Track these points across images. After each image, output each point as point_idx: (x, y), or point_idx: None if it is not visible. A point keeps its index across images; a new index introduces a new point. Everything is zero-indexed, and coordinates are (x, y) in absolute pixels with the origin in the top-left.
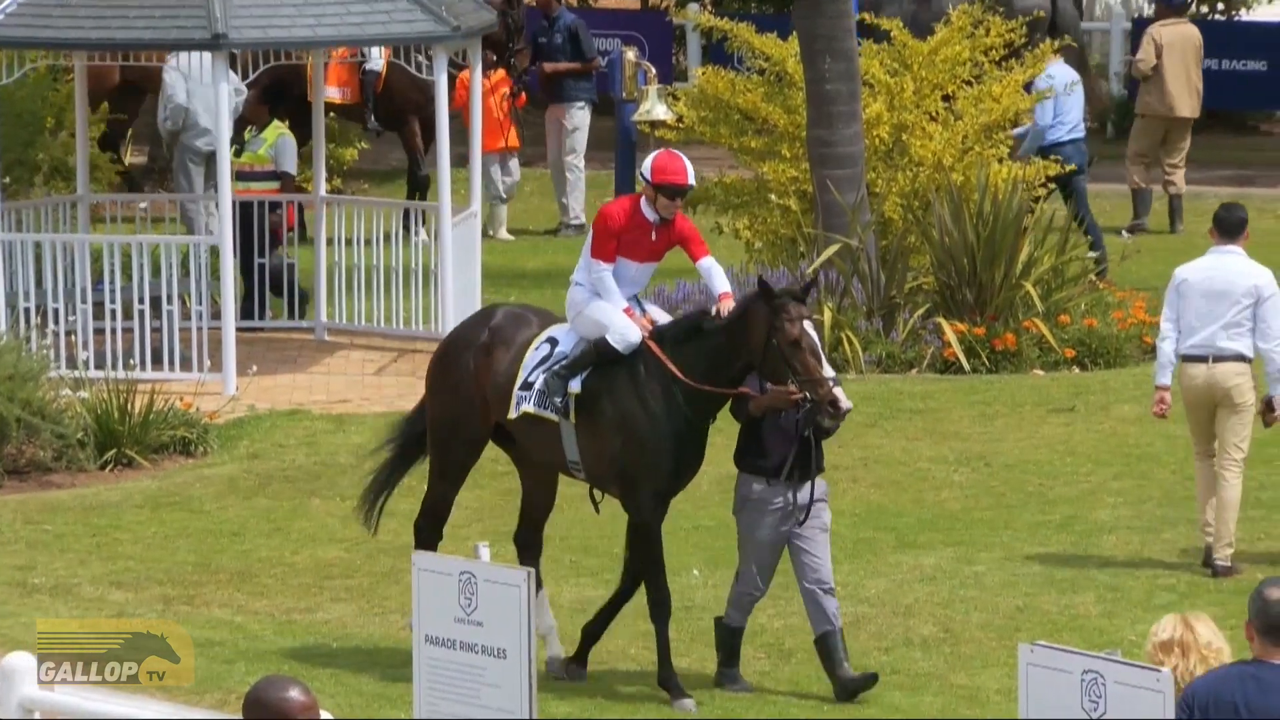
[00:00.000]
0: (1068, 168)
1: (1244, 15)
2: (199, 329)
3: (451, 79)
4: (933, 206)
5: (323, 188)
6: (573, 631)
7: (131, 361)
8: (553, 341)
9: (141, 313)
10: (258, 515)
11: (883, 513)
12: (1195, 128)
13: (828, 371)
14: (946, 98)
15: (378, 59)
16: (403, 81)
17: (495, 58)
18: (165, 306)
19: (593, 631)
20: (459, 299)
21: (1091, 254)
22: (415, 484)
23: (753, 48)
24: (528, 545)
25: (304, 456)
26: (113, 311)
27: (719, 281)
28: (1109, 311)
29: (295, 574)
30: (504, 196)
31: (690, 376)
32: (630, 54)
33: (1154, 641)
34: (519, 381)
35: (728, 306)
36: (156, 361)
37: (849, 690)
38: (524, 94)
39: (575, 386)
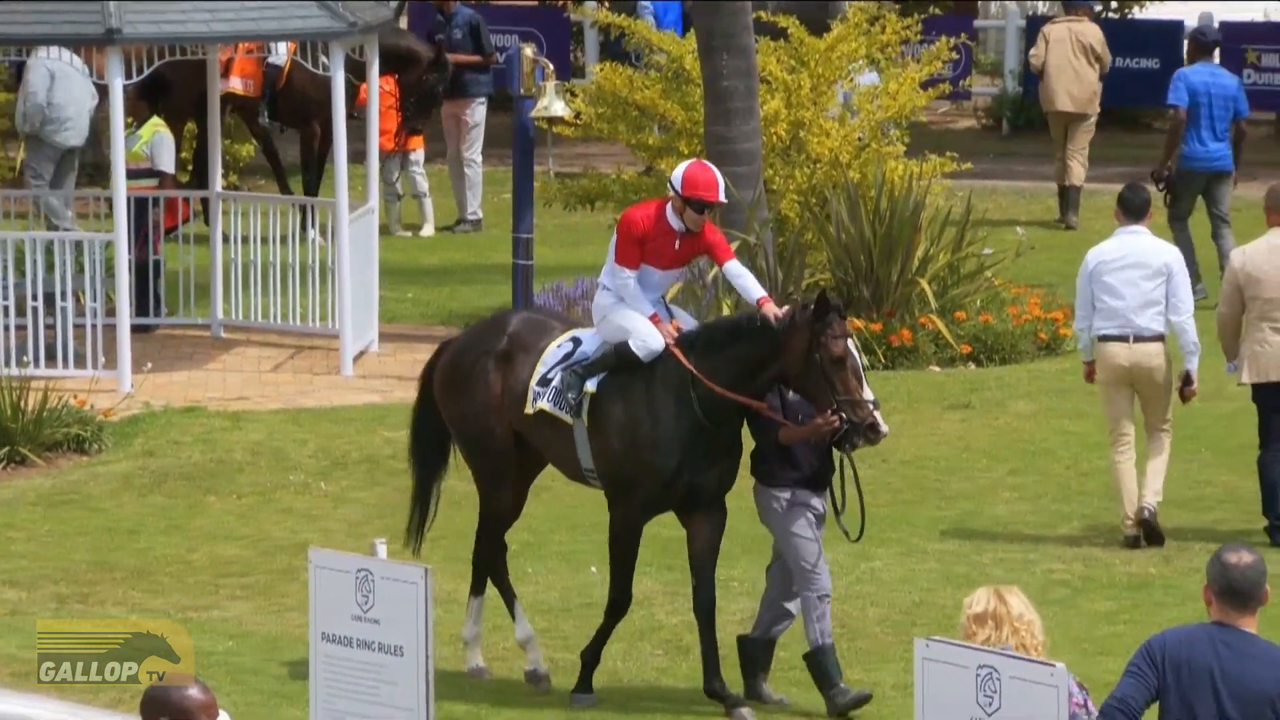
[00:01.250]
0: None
1: (1138, 13)
2: (94, 325)
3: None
4: (830, 203)
5: (219, 183)
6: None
7: (25, 358)
8: (576, 341)
9: (35, 309)
10: (154, 513)
11: None
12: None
13: (868, 394)
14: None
15: (282, 53)
16: (304, 80)
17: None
18: (59, 303)
19: (715, 689)
20: (357, 295)
21: (987, 251)
22: (308, 480)
23: (650, 44)
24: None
25: (200, 454)
26: (5, 308)
27: (753, 286)
28: (1004, 307)
29: (192, 572)
30: (400, 195)
31: (716, 383)
32: (528, 50)
33: (969, 614)
34: (537, 377)
35: (772, 310)
36: (50, 358)
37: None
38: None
39: (591, 386)
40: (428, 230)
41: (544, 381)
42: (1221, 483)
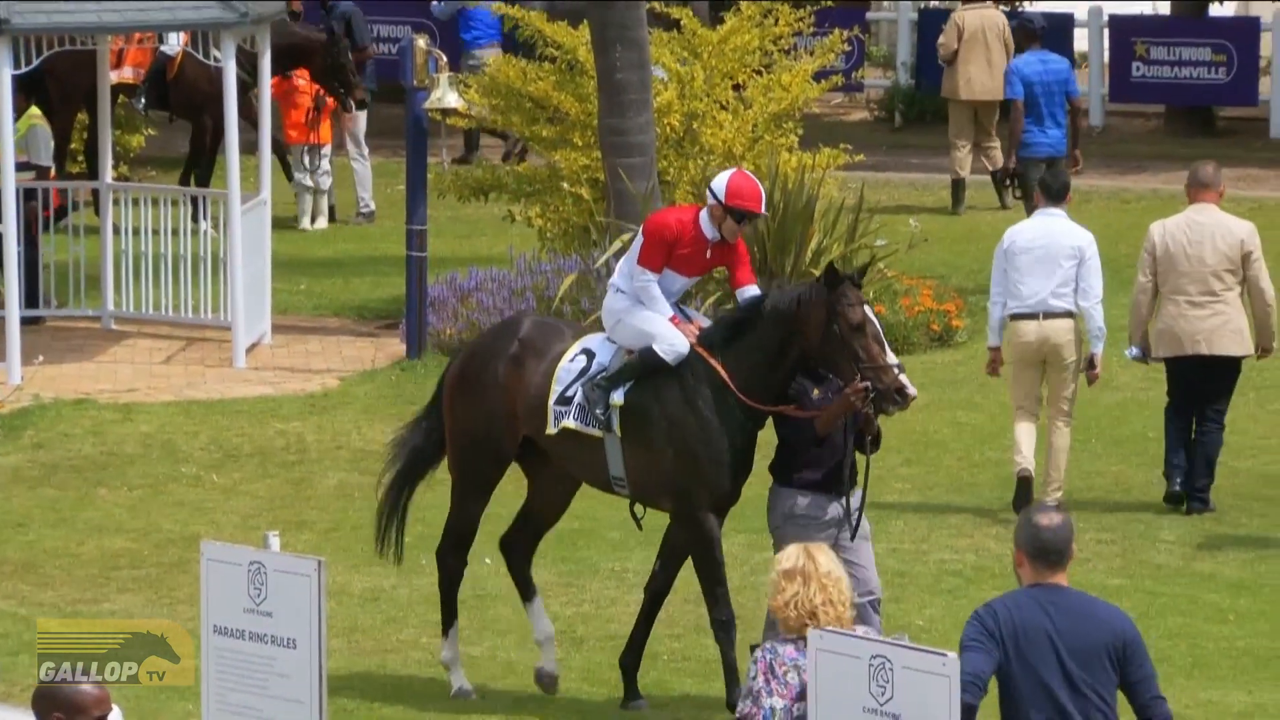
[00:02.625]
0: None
1: (1027, 5)
2: None
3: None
4: None
5: (109, 174)
6: (366, 621)
7: None
8: (589, 354)
9: None
10: (43, 506)
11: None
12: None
13: (891, 358)
14: (737, 86)
15: (175, 43)
16: (196, 71)
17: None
18: None
19: (630, 663)
20: (248, 287)
21: (880, 242)
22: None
23: (544, 36)
24: (520, 551)
25: (90, 446)
26: None
27: None
28: (897, 299)
29: (81, 565)
30: (310, 187)
31: (744, 375)
32: (421, 41)
33: (779, 569)
34: (554, 396)
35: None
36: None
37: None
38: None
39: (618, 398)
40: (321, 223)
41: (564, 400)
42: (1111, 473)
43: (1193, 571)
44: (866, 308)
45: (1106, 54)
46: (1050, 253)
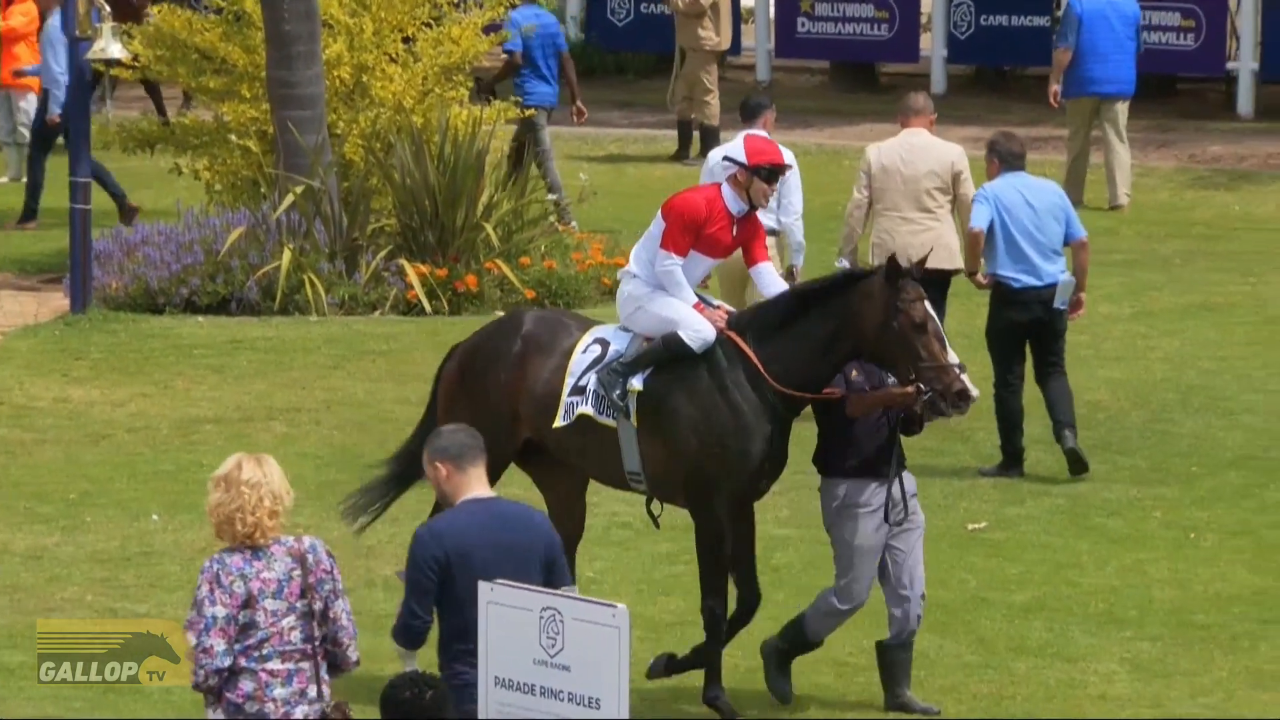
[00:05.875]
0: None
1: None
2: None
3: None
4: (394, 148)
5: None
6: (29, 580)
7: None
8: (603, 342)
9: None
10: None
11: (347, 454)
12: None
13: (952, 357)
14: (407, 39)
15: None
16: None
17: None
18: None
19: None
20: None
21: (551, 196)
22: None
23: None
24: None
25: None
26: None
27: (780, 289)
28: (568, 253)
29: None
30: (9, 140)
31: (785, 364)
32: None
33: (213, 476)
34: (568, 387)
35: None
36: None
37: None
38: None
39: (637, 383)
40: (3, 178)
41: (577, 390)
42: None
43: None
44: (927, 304)
45: (772, 10)
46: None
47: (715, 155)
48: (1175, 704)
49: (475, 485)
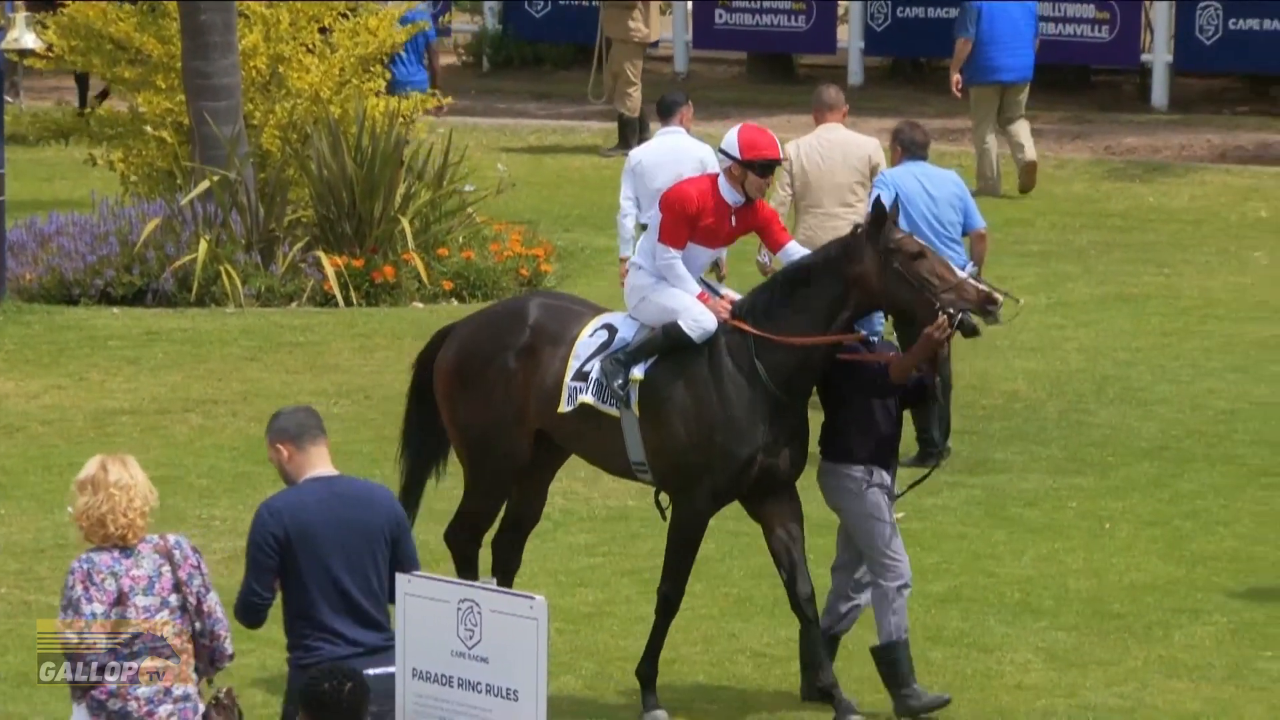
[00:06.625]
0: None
1: None
2: None
3: None
4: (311, 139)
5: None
6: None
7: None
8: (610, 329)
9: None
10: None
11: (263, 447)
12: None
13: (961, 272)
14: (323, 30)
15: None
16: None
17: None
18: None
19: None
20: None
21: (468, 188)
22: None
23: None
24: (511, 552)
25: None
26: None
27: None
28: (486, 244)
29: None
30: None
31: (797, 333)
32: None
33: (78, 480)
34: (572, 371)
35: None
36: None
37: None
38: None
39: (638, 372)
40: None
41: (580, 375)
42: None
43: None
44: (917, 237)
45: (690, 2)
46: (678, 170)
47: (635, 156)
48: (1090, 693)
49: (317, 463)
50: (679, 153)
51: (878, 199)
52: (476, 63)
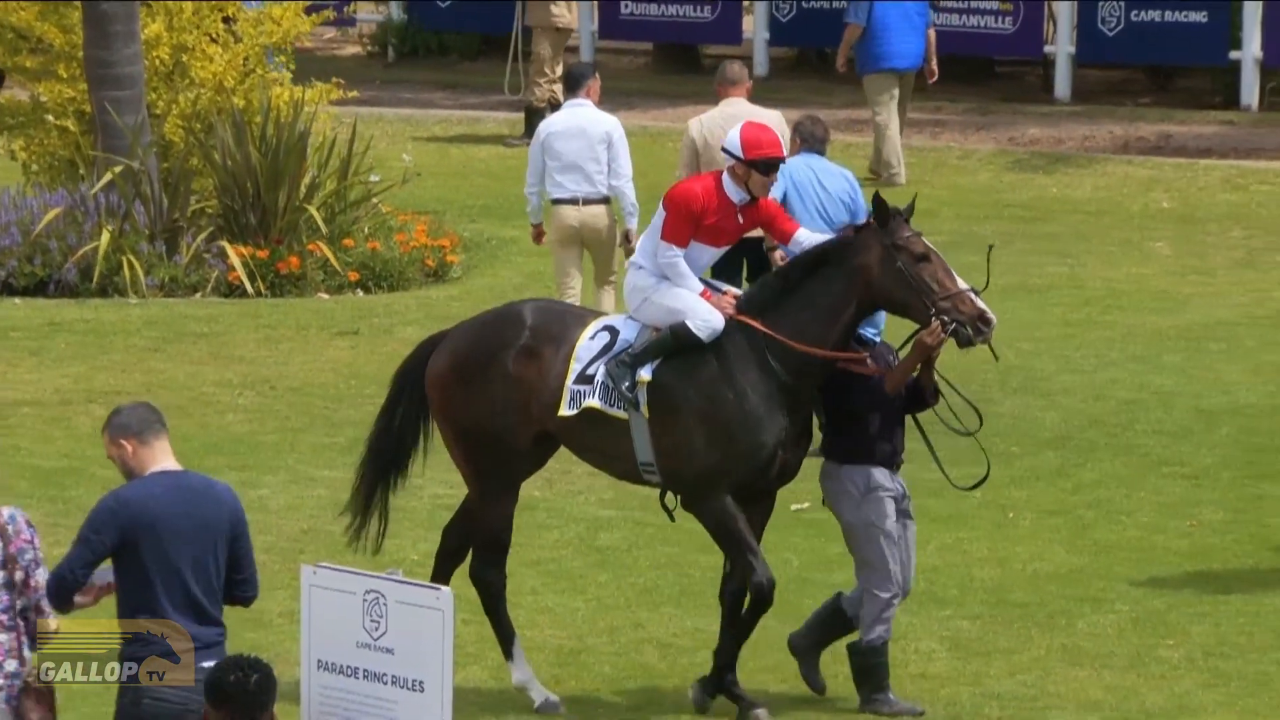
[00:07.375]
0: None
1: None
2: None
3: None
4: (215, 129)
5: None
6: None
7: None
8: (612, 330)
9: None
10: None
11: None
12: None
13: (962, 284)
14: (227, 19)
15: None
16: None
17: None
18: None
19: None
20: None
21: (374, 178)
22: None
23: None
24: (459, 541)
25: None
26: None
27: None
28: (392, 235)
29: None
30: None
31: (799, 330)
32: None
33: None
34: (574, 374)
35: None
36: None
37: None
38: None
39: (646, 374)
40: None
41: (583, 379)
42: None
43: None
44: (924, 238)
45: None
46: (582, 141)
47: (544, 128)
48: (994, 681)
49: (161, 458)
50: (587, 123)
51: (878, 195)
52: (382, 53)
